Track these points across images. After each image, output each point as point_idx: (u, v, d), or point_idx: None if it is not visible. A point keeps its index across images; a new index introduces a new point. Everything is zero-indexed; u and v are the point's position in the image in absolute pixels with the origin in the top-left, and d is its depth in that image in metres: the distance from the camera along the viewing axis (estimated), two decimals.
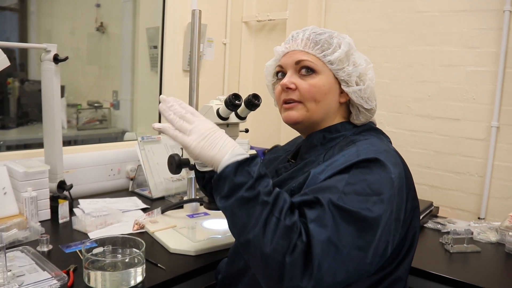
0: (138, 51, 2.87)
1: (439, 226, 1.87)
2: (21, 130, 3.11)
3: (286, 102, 1.18)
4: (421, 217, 1.86)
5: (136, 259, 1.29)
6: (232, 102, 1.55)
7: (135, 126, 3.01)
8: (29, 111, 3.24)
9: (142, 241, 1.32)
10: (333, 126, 1.19)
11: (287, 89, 1.17)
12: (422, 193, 2.25)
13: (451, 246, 1.66)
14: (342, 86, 1.16)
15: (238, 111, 1.63)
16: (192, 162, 1.48)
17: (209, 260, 1.46)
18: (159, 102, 1.07)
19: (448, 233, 1.75)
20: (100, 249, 1.34)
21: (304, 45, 1.16)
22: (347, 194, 0.94)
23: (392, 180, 0.98)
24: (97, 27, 3.65)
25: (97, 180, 2.15)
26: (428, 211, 1.95)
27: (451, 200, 2.19)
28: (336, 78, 1.16)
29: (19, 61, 3.71)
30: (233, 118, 1.66)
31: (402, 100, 2.33)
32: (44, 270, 1.24)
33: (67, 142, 3.13)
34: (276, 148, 1.82)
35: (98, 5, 3.71)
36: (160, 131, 1.06)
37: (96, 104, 3.44)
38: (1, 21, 3.92)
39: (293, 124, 1.20)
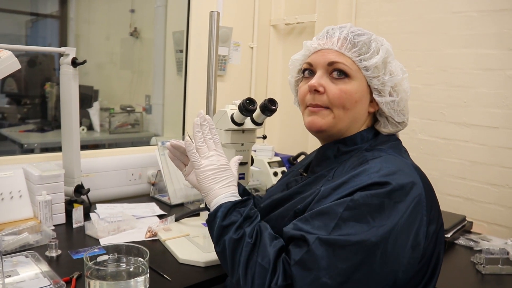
0: (168, 55, 2.87)
1: (471, 243, 1.73)
2: (57, 133, 3.17)
3: (312, 106, 1.10)
4: (452, 233, 1.74)
5: (140, 269, 1.24)
6: (246, 107, 1.48)
7: (165, 131, 3.01)
8: None
9: (146, 250, 1.27)
10: (350, 138, 1.10)
11: (314, 91, 1.07)
12: (456, 206, 2.10)
13: (484, 266, 1.52)
14: (374, 95, 1.07)
15: (254, 116, 1.56)
16: None
17: (219, 272, 1.40)
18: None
19: (480, 251, 1.61)
20: (105, 257, 1.31)
21: (340, 45, 1.06)
22: (345, 221, 0.88)
23: (402, 205, 0.89)
24: (131, 32, 3.69)
25: (117, 185, 2.14)
26: (460, 226, 1.81)
27: (487, 214, 2.03)
28: (369, 86, 1.07)
29: (58, 65, 3.81)
30: (249, 123, 1.59)
31: (436, 106, 2.19)
32: (45, 277, 1.21)
33: (102, 146, 3.18)
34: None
35: (132, 11, 3.77)
36: (175, 146, 1.22)
37: (128, 108, 3.47)
38: (44, 27, 4.06)
39: (316, 131, 1.11)
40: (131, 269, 1.24)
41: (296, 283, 0.86)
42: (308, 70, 1.13)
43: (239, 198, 1.06)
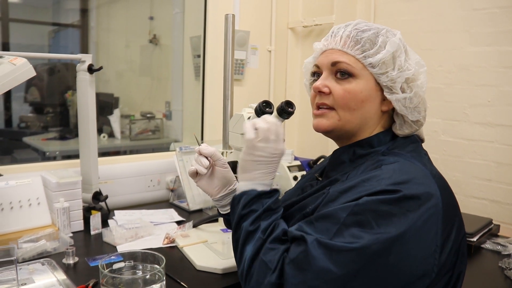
0: (186, 61, 2.87)
1: (499, 248, 1.66)
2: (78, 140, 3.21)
3: (319, 107, 1.06)
4: (477, 237, 1.68)
5: (156, 276, 1.23)
6: (262, 110, 1.45)
7: (184, 137, 3.01)
8: None
9: (162, 257, 1.26)
10: (366, 140, 1.05)
11: (319, 92, 1.05)
12: (482, 209, 2.03)
13: None
14: (385, 93, 1.01)
15: None
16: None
17: (237, 279, 1.36)
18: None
19: (509, 256, 1.55)
20: (121, 264, 1.30)
21: (343, 43, 1.02)
22: (348, 227, 0.84)
23: (413, 215, 0.84)
24: (150, 39, 3.72)
25: (136, 191, 2.14)
26: (486, 230, 1.75)
27: None
28: (379, 83, 1.01)
29: None
30: None
31: (459, 106, 2.13)
32: (60, 285, 1.21)
33: (123, 153, 3.20)
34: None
35: (151, 18, 3.80)
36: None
37: (148, 115, 3.49)
38: (66, 37, 4.13)
39: (323, 132, 1.07)
40: (147, 277, 1.22)
41: (287, 282, 0.84)
42: (316, 73, 1.09)
43: (269, 188, 1.02)
